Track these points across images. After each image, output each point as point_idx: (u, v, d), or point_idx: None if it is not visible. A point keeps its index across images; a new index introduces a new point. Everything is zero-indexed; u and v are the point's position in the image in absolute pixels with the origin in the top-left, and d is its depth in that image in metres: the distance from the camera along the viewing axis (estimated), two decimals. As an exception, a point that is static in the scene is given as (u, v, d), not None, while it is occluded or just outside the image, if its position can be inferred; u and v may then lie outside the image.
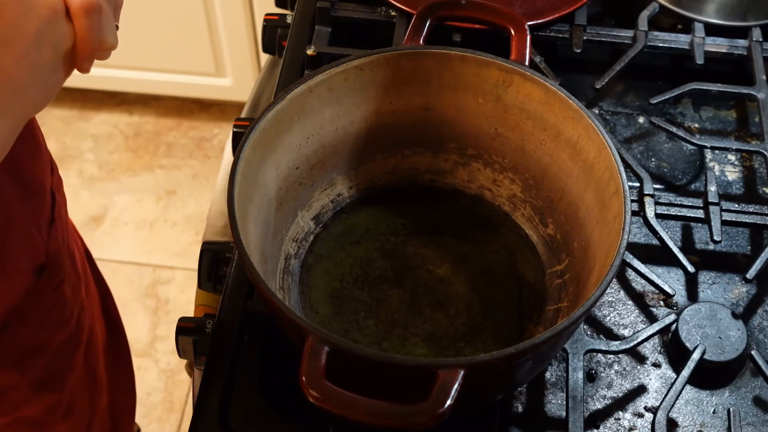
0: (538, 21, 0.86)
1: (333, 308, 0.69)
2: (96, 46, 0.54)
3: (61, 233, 0.76)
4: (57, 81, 0.54)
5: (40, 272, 0.71)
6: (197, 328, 0.71)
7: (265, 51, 0.96)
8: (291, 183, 0.69)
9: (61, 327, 0.78)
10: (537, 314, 0.68)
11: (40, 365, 0.77)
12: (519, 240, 0.73)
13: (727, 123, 0.86)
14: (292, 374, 0.53)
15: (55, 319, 0.77)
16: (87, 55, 0.54)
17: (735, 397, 0.67)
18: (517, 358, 0.54)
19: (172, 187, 1.91)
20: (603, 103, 0.87)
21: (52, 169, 0.77)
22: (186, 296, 1.75)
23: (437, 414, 0.49)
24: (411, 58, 0.69)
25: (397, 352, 0.66)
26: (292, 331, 0.56)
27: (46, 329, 0.76)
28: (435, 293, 0.70)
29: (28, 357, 0.75)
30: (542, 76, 0.67)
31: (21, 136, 0.69)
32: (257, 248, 0.62)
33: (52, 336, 0.77)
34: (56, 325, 0.77)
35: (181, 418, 1.59)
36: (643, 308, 0.72)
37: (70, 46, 0.53)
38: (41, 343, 0.76)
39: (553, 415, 0.66)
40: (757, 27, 0.88)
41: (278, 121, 0.65)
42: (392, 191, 0.76)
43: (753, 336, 0.70)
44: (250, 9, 1.68)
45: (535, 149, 0.70)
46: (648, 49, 0.87)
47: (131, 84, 1.89)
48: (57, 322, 0.77)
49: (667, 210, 0.74)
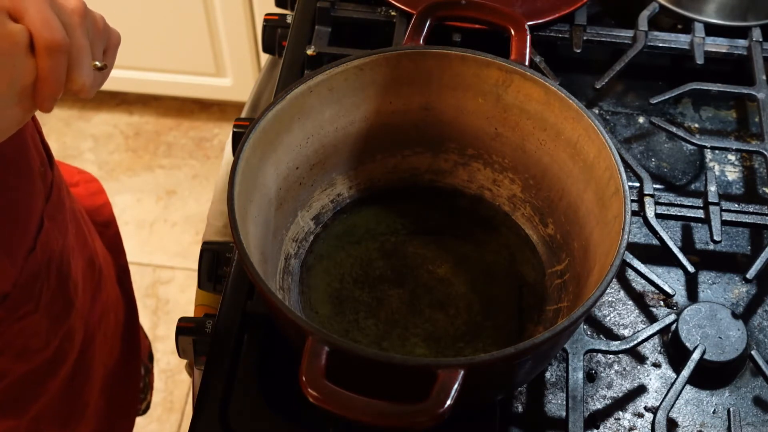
0: (538, 21, 0.86)
1: (333, 308, 0.69)
2: (59, 86, 0.51)
3: (43, 261, 0.71)
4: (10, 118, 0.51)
5: (1, 302, 0.66)
6: (197, 328, 0.71)
7: (265, 51, 0.96)
8: (291, 183, 0.69)
9: (26, 356, 0.73)
10: (537, 314, 0.68)
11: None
12: (519, 240, 0.73)
13: (727, 123, 0.86)
14: (292, 374, 0.53)
15: (17, 350, 0.71)
16: (48, 95, 0.51)
17: (735, 397, 0.67)
18: (517, 358, 0.54)
19: (172, 187, 1.91)
20: (603, 103, 0.87)
21: (49, 196, 0.73)
22: (186, 296, 1.75)
23: (437, 414, 0.49)
24: (411, 58, 0.69)
25: (397, 352, 0.66)
26: (292, 331, 0.56)
27: (5, 357, 0.71)
28: (435, 293, 0.70)
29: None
30: (542, 76, 0.67)
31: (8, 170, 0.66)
32: (257, 248, 0.62)
33: (12, 365, 0.72)
34: (19, 355, 0.72)
35: (181, 418, 1.59)
36: (643, 308, 0.72)
37: (30, 83, 0.50)
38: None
39: (553, 415, 0.66)
40: (757, 27, 0.88)
41: (278, 121, 0.65)
42: (392, 191, 0.76)
43: (753, 336, 0.70)
44: (250, 9, 1.68)
45: (535, 149, 0.70)
46: (648, 49, 0.87)
47: (131, 84, 1.89)
48: (20, 352, 0.72)
49: (667, 210, 0.74)
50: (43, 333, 0.73)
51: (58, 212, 0.75)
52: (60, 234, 0.75)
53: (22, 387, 0.74)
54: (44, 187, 0.72)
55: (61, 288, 0.75)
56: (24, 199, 0.68)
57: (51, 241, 0.72)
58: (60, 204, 0.76)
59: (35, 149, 0.71)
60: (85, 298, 0.81)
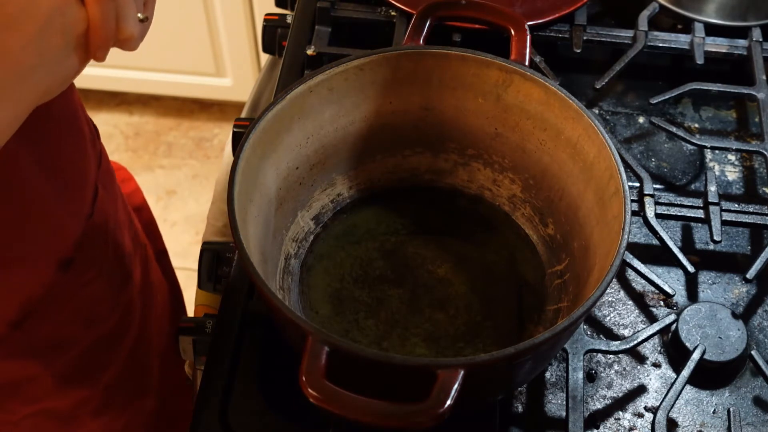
0: (538, 21, 0.86)
1: (333, 308, 0.69)
2: (110, 34, 0.52)
3: (101, 228, 0.74)
4: (68, 68, 0.52)
5: (66, 266, 0.70)
6: (197, 328, 0.71)
7: (265, 51, 0.96)
8: (291, 183, 0.69)
9: (94, 323, 0.76)
10: (537, 314, 0.68)
11: (66, 360, 0.75)
12: (519, 240, 0.73)
13: (727, 123, 0.86)
14: (292, 374, 0.53)
15: (86, 315, 0.75)
16: (101, 43, 0.52)
17: (735, 397, 0.67)
18: (517, 358, 0.54)
19: (172, 187, 1.91)
20: (603, 103, 0.87)
21: (99, 164, 0.76)
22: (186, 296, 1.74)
23: (437, 414, 0.49)
24: (411, 58, 0.69)
25: (397, 352, 0.66)
26: (292, 331, 0.56)
27: (76, 324, 0.74)
28: (435, 293, 0.70)
29: (52, 351, 0.74)
30: (542, 76, 0.67)
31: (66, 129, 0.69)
32: (257, 248, 0.62)
33: (83, 332, 0.75)
34: (88, 322, 0.75)
35: (181, 418, 1.59)
36: (643, 308, 0.72)
37: (83, 32, 0.51)
38: (68, 338, 0.74)
39: (553, 415, 0.66)
40: (757, 27, 0.88)
41: (278, 121, 0.65)
42: (392, 191, 0.76)
43: (753, 336, 0.70)
44: (250, 9, 1.68)
45: (535, 149, 0.70)
46: (648, 49, 0.87)
47: (131, 84, 1.89)
48: (89, 318, 0.75)
49: (667, 210, 0.74)
50: (106, 300, 0.77)
51: (108, 182, 0.78)
52: (111, 204, 0.78)
53: (91, 355, 0.78)
54: (95, 154, 0.75)
55: (118, 258, 0.79)
56: (80, 162, 0.71)
57: (106, 209, 0.76)
58: (109, 174, 0.79)
59: (84, 115, 0.74)
60: (136, 273, 0.84)
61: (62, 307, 0.72)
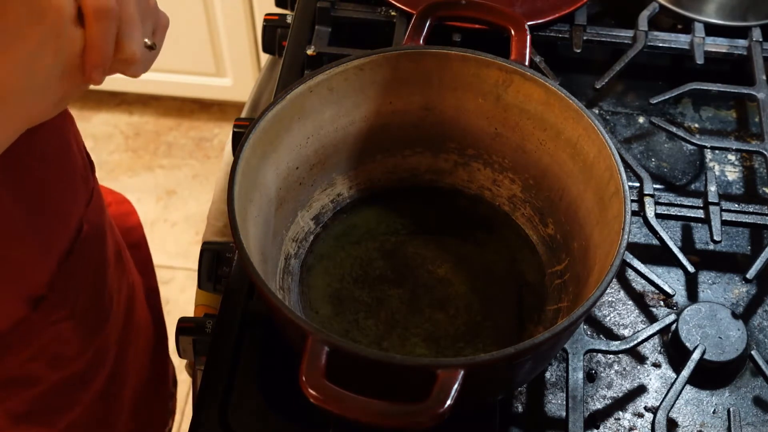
0: (538, 21, 0.86)
1: (333, 308, 0.69)
2: (107, 54, 0.49)
3: (79, 266, 0.70)
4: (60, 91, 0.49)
5: (36, 303, 0.66)
6: (197, 328, 0.71)
7: (265, 51, 0.96)
8: (291, 183, 0.69)
9: (60, 364, 0.72)
10: (537, 314, 0.68)
11: (24, 398, 0.71)
12: (519, 240, 0.73)
13: (727, 123, 0.86)
14: (292, 374, 0.53)
15: (52, 355, 0.70)
16: (96, 64, 0.49)
17: (735, 397, 0.67)
18: (517, 358, 0.54)
19: (172, 187, 1.91)
20: (603, 103, 0.87)
21: (90, 201, 0.72)
22: (186, 296, 1.75)
23: (437, 414, 0.49)
24: (411, 58, 0.69)
25: (397, 352, 0.66)
26: (292, 331, 0.56)
27: (39, 362, 0.70)
28: (435, 293, 0.70)
29: (9, 386, 0.69)
30: (542, 76, 0.67)
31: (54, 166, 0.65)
32: (257, 248, 0.62)
33: (46, 371, 0.71)
34: (54, 361, 0.71)
35: (181, 418, 1.59)
36: (643, 308, 0.72)
37: (78, 52, 0.48)
38: (29, 376, 0.70)
39: (553, 415, 0.66)
40: (757, 27, 0.88)
41: (278, 121, 0.65)
42: (392, 191, 0.76)
43: (753, 336, 0.70)
44: (250, 9, 1.68)
45: (535, 149, 0.70)
46: (648, 49, 0.87)
47: (131, 84, 1.89)
48: (55, 358, 0.71)
49: (667, 210, 0.74)
50: (77, 341, 0.72)
51: (97, 219, 0.74)
52: (98, 242, 0.74)
53: (54, 396, 0.73)
54: (85, 191, 0.71)
55: (97, 298, 0.74)
56: (65, 199, 0.67)
57: (89, 247, 0.71)
58: (100, 212, 0.74)
59: (78, 151, 0.71)
60: (118, 313, 0.80)
61: (26, 344, 0.68)
